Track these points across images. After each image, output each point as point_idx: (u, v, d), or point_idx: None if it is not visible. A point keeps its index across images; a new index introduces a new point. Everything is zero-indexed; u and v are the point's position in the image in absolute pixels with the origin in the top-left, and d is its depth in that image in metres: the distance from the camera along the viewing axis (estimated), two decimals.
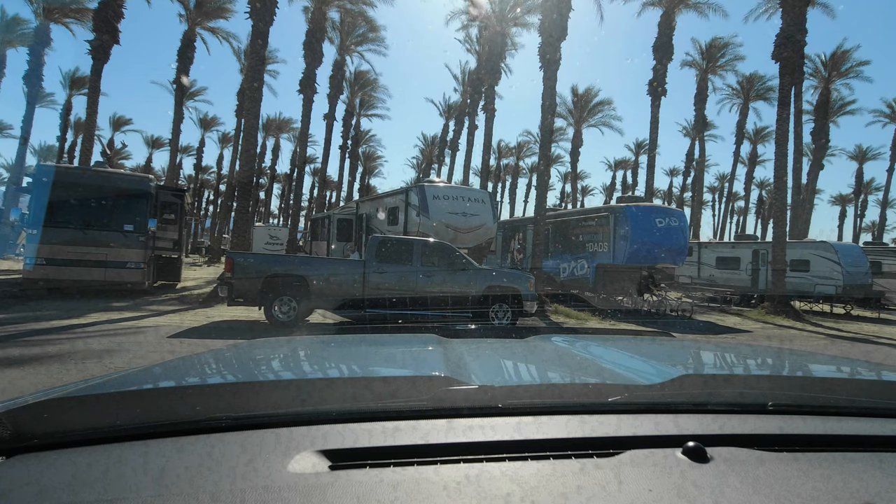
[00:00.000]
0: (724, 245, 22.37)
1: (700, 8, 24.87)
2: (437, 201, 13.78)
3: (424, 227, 13.58)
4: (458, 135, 34.69)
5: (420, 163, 54.43)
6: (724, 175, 52.11)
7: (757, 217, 55.93)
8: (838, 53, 32.42)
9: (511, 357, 1.54)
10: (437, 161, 42.96)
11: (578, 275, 16.39)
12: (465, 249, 14.28)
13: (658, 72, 23.44)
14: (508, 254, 20.67)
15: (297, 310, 9.29)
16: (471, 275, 9.87)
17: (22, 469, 0.72)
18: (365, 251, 10.20)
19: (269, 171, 52.57)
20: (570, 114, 36.39)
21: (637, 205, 15.20)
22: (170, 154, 27.44)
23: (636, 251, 14.34)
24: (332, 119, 29.72)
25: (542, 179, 15.50)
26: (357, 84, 37.83)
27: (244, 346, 1.57)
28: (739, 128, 38.34)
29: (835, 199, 56.38)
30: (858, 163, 46.42)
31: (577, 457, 0.76)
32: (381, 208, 16.47)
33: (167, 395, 0.97)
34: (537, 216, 15.37)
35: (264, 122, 48.29)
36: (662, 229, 14.38)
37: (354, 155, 46.73)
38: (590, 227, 15.98)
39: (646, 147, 37.57)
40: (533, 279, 10.14)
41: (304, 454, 0.73)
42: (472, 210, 14.10)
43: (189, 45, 26.35)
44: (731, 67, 33.94)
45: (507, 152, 54.54)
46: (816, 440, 0.87)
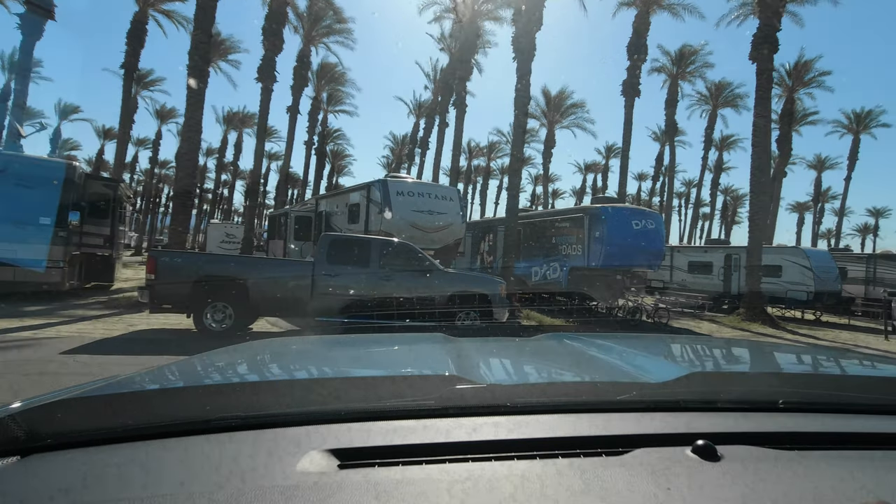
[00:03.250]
0: (697, 249, 22.07)
1: (674, 9, 24.67)
2: (401, 198, 12.71)
3: (387, 226, 12.49)
4: (428, 133, 33.68)
5: (390, 162, 53.16)
6: (690, 181, 52.81)
7: (721, 223, 56.95)
8: (801, 63, 32.93)
9: (519, 355, 1.53)
10: (408, 160, 41.86)
11: (551, 278, 15.60)
12: (432, 251, 13.27)
13: (632, 72, 23.04)
14: (478, 256, 19.81)
15: (234, 317, 8.05)
16: (435, 278, 8.84)
17: (37, 468, 0.73)
18: (315, 251, 9.05)
19: (231, 167, 50.20)
20: (544, 115, 35.90)
21: (613, 206, 14.50)
22: (117, 144, 25.32)
23: (611, 254, 13.62)
24: (295, 112, 28.25)
25: (514, 176, 14.60)
26: (324, 77, 36.34)
27: (252, 345, 1.57)
28: (708, 134, 38.62)
29: (793, 206, 57.97)
30: (817, 171, 47.79)
31: (586, 455, 0.75)
32: (341, 205, 15.28)
33: (178, 396, 0.96)
34: (509, 216, 14.48)
35: (225, 114, 46.08)
36: (638, 231, 13.71)
37: (321, 152, 45.09)
38: (563, 228, 15.21)
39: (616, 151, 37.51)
40: (503, 284, 9.19)
41: (313, 453, 0.73)
42: (438, 208, 13.09)
43: (140, 28, 24.43)
44: (701, 74, 34.16)
45: (478, 153, 53.84)
46: (828, 438, 0.85)
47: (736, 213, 58.94)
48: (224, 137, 46.84)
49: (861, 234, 61.90)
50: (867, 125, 40.35)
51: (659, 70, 33.08)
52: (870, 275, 21.02)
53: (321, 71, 35.56)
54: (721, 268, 19.57)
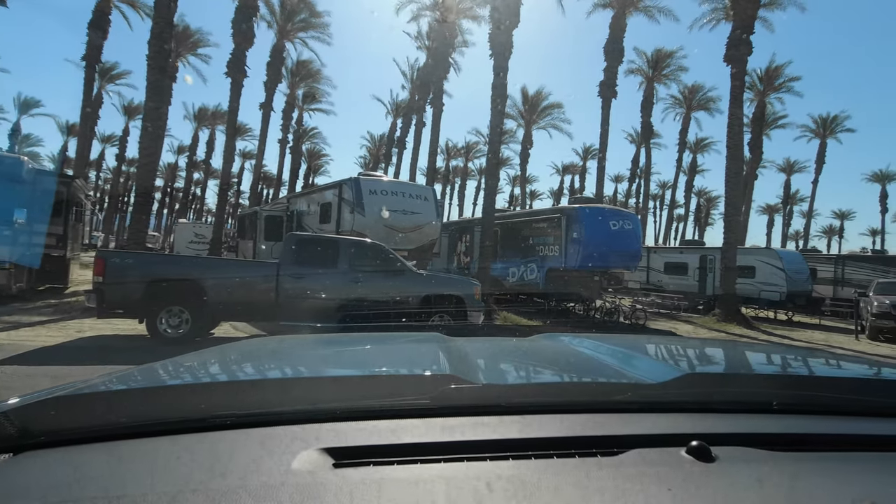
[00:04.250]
0: (673, 250, 22.21)
1: (649, 11, 24.82)
2: (373, 197, 12.29)
3: (359, 226, 12.06)
4: (405, 133, 33.26)
5: (368, 162, 52.48)
6: (665, 183, 53.55)
7: (695, 224, 57.95)
8: (772, 68, 33.58)
9: (515, 355, 1.53)
10: (385, 160, 41.32)
11: (528, 279, 15.38)
12: (406, 251, 12.88)
13: (609, 73, 23.07)
14: (455, 256, 19.50)
15: (191, 322, 7.52)
16: (407, 280, 8.45)
17: (29, 465, 0.73)
18: (280, 252, 8.58)
19: (203, 165, 48.80)
20: (521, 115, 35.85)
21: (590, 206, 14.36)
22: (79, 140, 24.21)
23: (589, 255, 13.45)
24: (268, 109, 27.52)
25: (490, 175, 14.31)
26: (299, 74, 35.54)
27: (248, 343, 1.65)
28: (682, 137, 39.18)
29: (764, 208, 59.36)
30: (786, 175, 48.92)
31: (581, 455, 0.75)
32: (313, 204, 14.78)
33: (173, 393, 0.97)
34: (485, 216, 14.19)
35: (196, 111, 44.78)
36: (616, 232, 13.58)
37: (297, 151, 44.21)
38: (540, 228, 15.00)
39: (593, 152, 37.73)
40: (479, 286, 8.86)
41: (309, 452, 0.72)
42: (413, 207, 12.71)
43: (103, 18, 23.43)
44: (676, 77, 34.56)
45: (455, 153, 53.60)
46: (822, 440, 0.85)
47: (709, 214, 60.09)
48: (195, 135, 45.61)
49: (827, 235, 63.92)
50: (833, 130, 41.47)
51: (635, 72, 33.39)
52: (838, 275, 21.45)
53: (297, 68, 34.80)
54: (696, 269, 19.68)
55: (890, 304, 13.59)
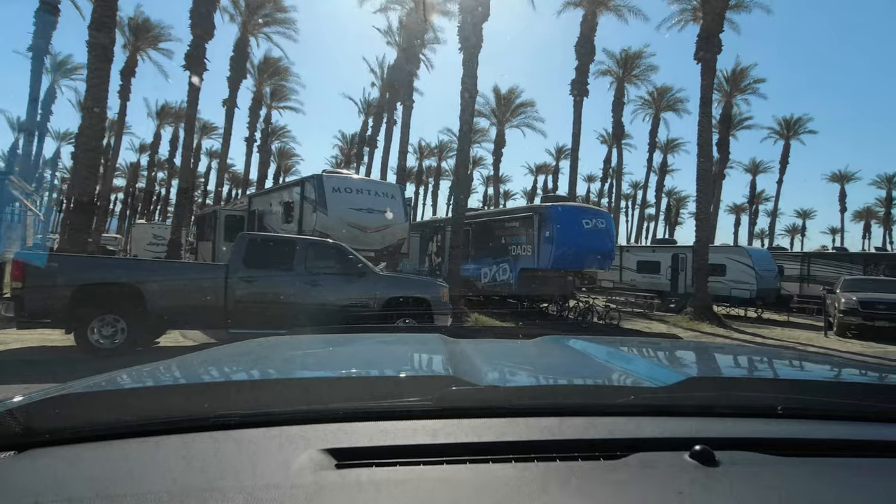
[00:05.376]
0: (645, 249, 22.20)
1: (619, 11, 24.87)
2: (337, 195, 11.67)
3: (322, 225, 11.43)
4: (376, 131, 32.63)
5: (340, 162, 51.44)
6: (637, 183, 54.20)
7: (666, 224, 58.86)
8: (738, 70, 34.22)
9: (518, 357, 1.54)
10: (357, 160, 40.52)
11: (500, 280, 15.00)
12: (373, 252, 12.31)
13: (580, 71, 22.98)
14: (426, 257, 19.00)
15: (128, 332, 6.79)
16: (369, 282, 7.89)
17: (33, 463, 0.74)
18: (230, 253, 7.91)
19: (166, 165, 46.97)
20: (493, 114, 35.58)
21: (563, 204, 14.06)
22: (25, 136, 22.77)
23: (562, 254, 13.13)
24: (232, 105, 26.56)
25: (460, 171, 13.84)
26: (266, 71, 34.52)
27: (250, 344, 1.58)
28: (652, 137, 39.62)
29: (731, 207, 60.70)
30: (752, 175, 50.08)
31: (583, 459, 0.75)
32: (275, 203, 14.05)
33: (176, 393, 0.96)
34: (455, 215, 13.72)
35: (159, 109, 43.05)
36: (589, 231, 13.30)
37: (266, 150, 42.99)
38: (513, 228, 14.63)
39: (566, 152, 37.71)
40: (445, 287, 8.35)
41: (311, 452, 0.72)
42: (379, 206, 12.13)
43: (51, 7, 22.07)
44: (645, 77, 34.88)
45: (428, 153, 53.11)
46: (827, 445, 0.85)
47: (679, 214, 61.19)
48: (157, 132, 43.79)
49: (790, 234, 65.80)
50: (796, 131, 42.62)
51: (606, 73, 33.57)
52: (804, 273, 21.80)
53: (263, 64, 33.78)
54: (668, 267, 19.66)
55: (857, 301, 13.71)
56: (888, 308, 13.39)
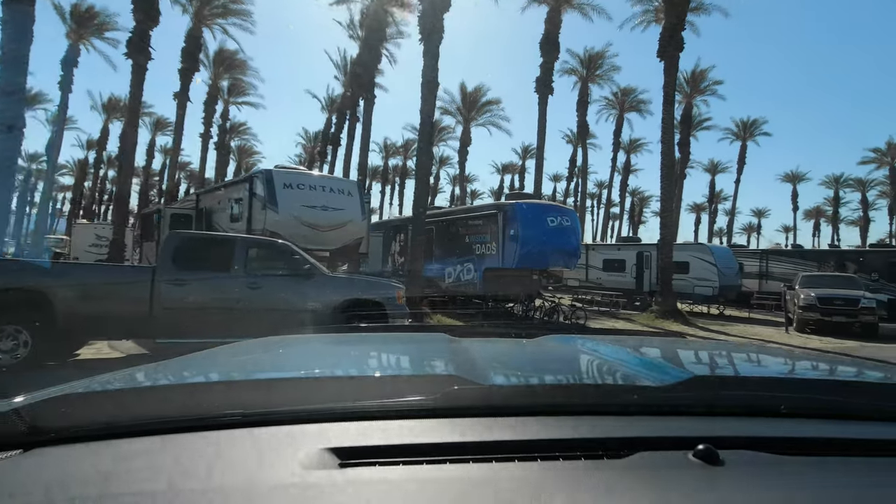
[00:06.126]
0: (610, 247, 22.18)
1: (583, 9, 24.82)
2: (288, 191, 10.91)
3: (272, 223, 10.65)
4: (339, 129, 31.60)
5: (303, 160, 50.04)
6: (602, 182, 54.86)
7: (630, 223, 59.85)
8: (698, 72, 34.88)
9: (521, 356, 1.53)
10: (321, 158, 39.39)
11: (465, 280, 14.52)
12: (328, 252, 11.60)
13: (545, 69, 22.78)
14: (390, 257, 18.37)
15: (32, 345, 5.91)
16: (317, 284, 7.22)
17: (38, 462, 0.74)
18: (158, 254, 7.10)
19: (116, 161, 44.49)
20: (459, 111, 35.18)
21: (527, 202, 13.66)
22: None
23: (527, 253, 12.74)
24: (184, 98, 25.17)
25: (422, 166, 13.26)
26: (222, 64, 33.02)
27: (253, 343, 1.60)
28: (616, 137, 40.07)
29: (691, 206, 62.25)
30: (711, 174, 51.44)
31: (586, 458, 0.75)
32: (224, 201, 13.14)
33: (179, 392, 0.96)
34: (416, 213, 13.13)
35: (105, 102, 40.72)
36: (554, 229, 12.95)
37: (224, 147, 41.32)
38: (476, 226, 14.16)
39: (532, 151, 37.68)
40: (401, 289, 7.76)
41: (314, 452, 0.72)
42: (334, 203, 11.43)
43: None
44: (609, 77, 35.16)
45: (394, 151, 52.27)
46: (832, 444, 0.85)
47: (642, 213, 62.38)
48: (104, 128, 41.41)
49: (747, 232, 68.07)
50: (752, 133, 43.97)
51: (570, 72, 33.65)
52: (763, 269, 22.24)
53: (219, 57, 32.29)
54: (633, 265, 19.63)
55: (815, 297, 13.87)
56: (845, 304, 13.60)
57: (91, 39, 29.20)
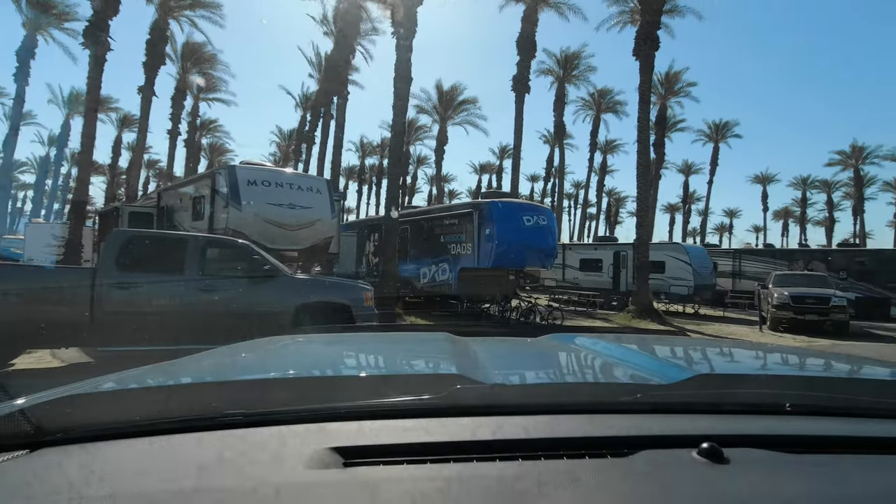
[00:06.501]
0: (587, 247, 22.12)
1: (560, 8, 24.75)
2: (253, 188, 10.37)
3: (235, 222, 10.10)
4: (314, 126, 30.90)
5: (278, 159, 48.95)
6: (578, 182, 55.19)
7: (606, 223, 60.40)
8: (672, 74, 35.29)
9: (524, 356, 1.54)
10: (295, 156, 38.53)
11: (440, 280, 14.17)
12: (295, 252, 11.10)
13: (522, 67, 22.61)
14: (364, 257, 17.89)
15: None
16: (279, 286, 6.75)
17: (44, 462, 0.74)
18: (100, 254, 6.54)
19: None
20: (436, 110, 34.83)
21: (503, 200, 13.38)
22: None
23: (503, 253, 12.45)
24: (149, 93, 24.12)
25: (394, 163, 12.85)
26: (191, 59, 31.93)
27: (258, 343, 1.61)
28: (593, 137, 40.30)
29: (666, 207, 63.20)
30: (685, 175, 52.27)
31: (590, 456, 0.74)
32: (185, 199, 12.49)
33: (183, 392, 0.96)
34: (388, 211, 12.71)
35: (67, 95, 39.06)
36: (530, 228, 12.69)
37: (194, 145, 40.10)
38: (451, 226, 13.82)
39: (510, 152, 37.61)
40: (369, 290, 7.34)
41: (318, 451, 0.72)
42: (302, 201, 10.92)
43: None
44: (585, 78, 35.28)
45: (371, 151, 51.58)
46: (836, 442, 0.84)
47: (618, 213, 63.06)
48: (66, 122, 39.71)
49: (719, 232, 69.52)
50: (724, 135, 44.79)
51: (547, 72, 33.66)
52: (736, 268, 22.51)
53: (187, 50, 31.19)
54: (610, 265, 19.58)
55: (789, 296, 13.96)
56: (817, 302, 13.71)
57: (50, 30, 27.88)
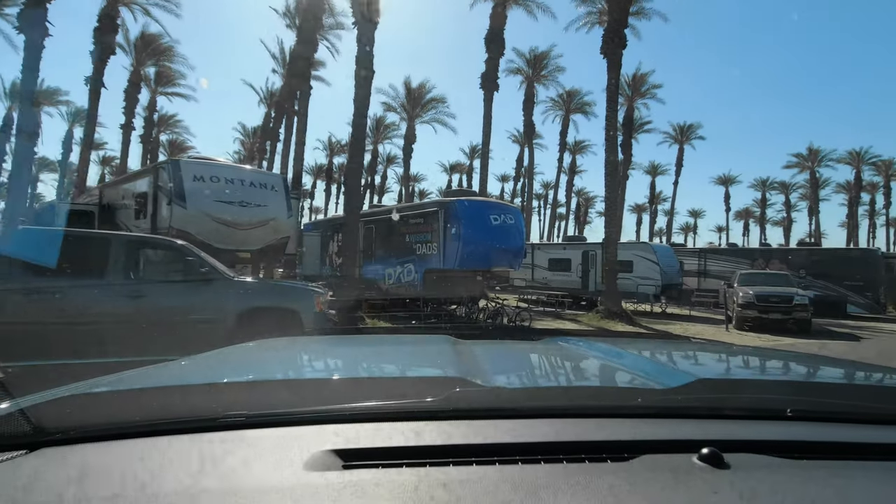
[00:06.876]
0: (556, 246, 21.94)
1: (529, 7, 24.53)
2: (199, 184, 9.60)
3: (179, 221, 9.32)
4: (278, 123, 29.84)
5: (242, 157, 47.30)
6: (548, 183, 55.47)
7: (576, 223, 60.89)
8: (639, 75, 35.66)
9: (524, 359, 1.53)
10: (259, 154, 37.21)
11: (405, 281, 13.63)
12: (248, 253, 10.38)
13: (490, 64, 22.26)
14: (328, 258, 17.18)
15: None
16: (217, 291, 6.08)
17: (43, 462, 0.74)
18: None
19: None
20: (404, 108, 34.20)
21: (469, 199, 12.93)
22: None
23: (469, 253, 12.00)
24: (98, 84, 22.68)
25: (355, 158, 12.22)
26: (146, 50, 30.36)
27: (259, 344, 1.59)
28: (562, 138, 40.41)
29: (633, 207, 64.23)
30: (651, 176, 53.14)
31: (591, 461, 0.74)
32: (128, 195, 11.57)
33: (184, 393, 0.96)
34: (348, 209, 12.09)
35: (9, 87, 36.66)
36: (498, 227, 12.29)
37: (151, 140, 38.34)
38: (416, 225, 13.30)
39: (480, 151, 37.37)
40: (321, 294, 6.75)
41: (318, 453, 0.72)
42: (255, 199, 10.21)
43: None
44: (554, 78, 35.31)
45: (339, 149, 50.45)
46: (839, 448, 0.84)
47: (587, 213, 63.75)
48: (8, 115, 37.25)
49: (684, 232, 71.19)
50: (689, 137, 45.63)
51: (516, 71, 33.52)
52: (701, 267, 22.75)
53: (141, 41, 29.64)
54: (579, 265, 19.42)
55: (753, 295, 14.00)
56: (780, 301, 13.79)
57: None
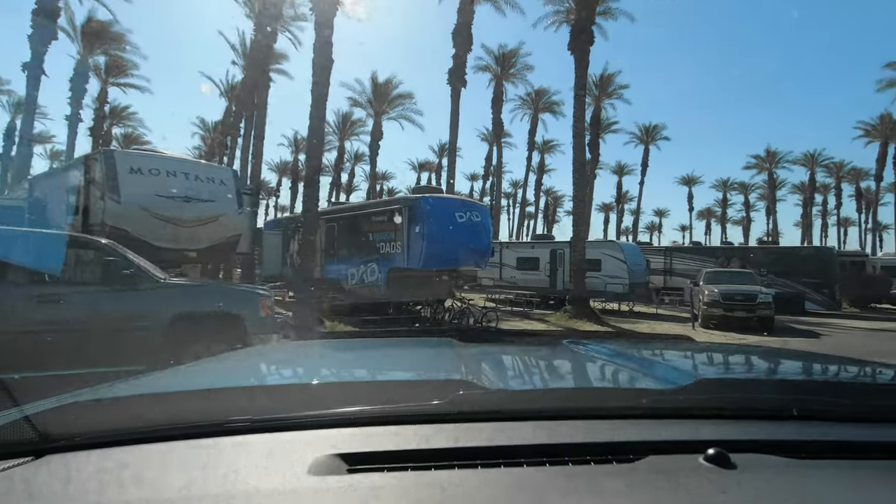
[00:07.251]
0: (524, 245, 21.70)
1: (497, 2, 24.27)
2: (136, 177, 8.77)
3: (113, 216, 8.49)
4: (238, 117, 28.65)
5: (202, 153, 45.44)
6: (517, 182, 55.58)
7: (544, 222, 61.33)
8: (606, 76, 35.95)
9: (527, 362, 1.54)
10: (220, 150, 35.72)
11: (368, 281, 13.05)
12: (194, 252, 9.60)
13: (458, 60, 21.85)
14: (288, 257, 16.42)
15: None
16: (146, 295, 5.40)
17: (50, 469, 0.74)
18: None
19: None
20: (370, 104, 33.44)
21: (433, 196, 12.45)
22: None
23: (434, 252, 11.53)
24: (38, 71, 21.15)
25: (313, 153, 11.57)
26: (94, 37, 28.64)
27: (263, 349, 1.65)
28: (531, 137, 40.49)
29: (600, 206, 65.14)
30: (618, 176, 53.95)
31: (596, 462, 0.74)
32: (60, 189, 10.59)
33: (188, 399, 0.96)
34: (307, 206, 11.42)
35: None
36: (464, 225, 11.85)
37: (101, 134, 36.28)
38: (380, 223, 12.74)
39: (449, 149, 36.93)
40: (267, 297, 6.13)
41: (322, 457, 0.72)
42: (201, 193, 9.43)
43: None
44: (523, 76, 35.26)
45: (304, 146, 49.15)
46: (845, 447, 0.84)
47: (556, 212, 64.28)
48: None
49: (650, 231, 72.74)
50: (654, 137, 46.46)
51: (485, 69, 33.33)
52: (667, 266, 22.97)
53: (89, 27, 27.91)
54: (547, 263, 19.22)
55: (719, 293, 14.04)
56: (745, 299, 13.87)
57: None
